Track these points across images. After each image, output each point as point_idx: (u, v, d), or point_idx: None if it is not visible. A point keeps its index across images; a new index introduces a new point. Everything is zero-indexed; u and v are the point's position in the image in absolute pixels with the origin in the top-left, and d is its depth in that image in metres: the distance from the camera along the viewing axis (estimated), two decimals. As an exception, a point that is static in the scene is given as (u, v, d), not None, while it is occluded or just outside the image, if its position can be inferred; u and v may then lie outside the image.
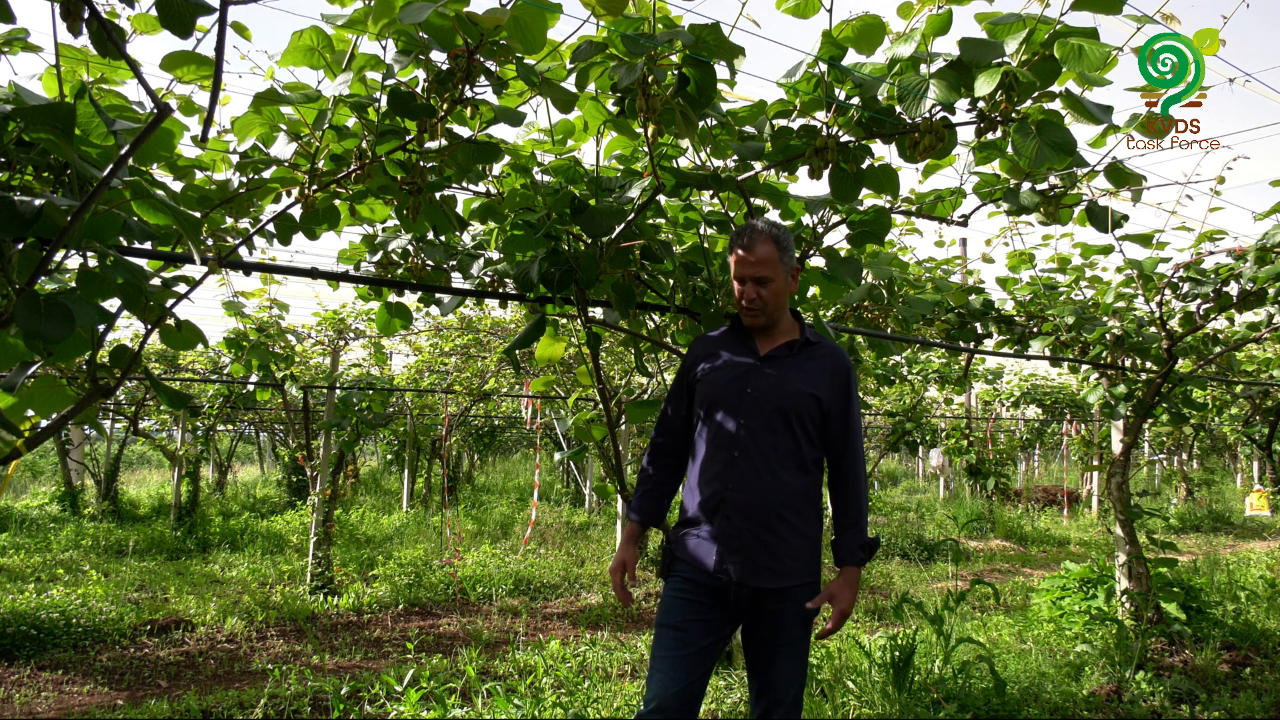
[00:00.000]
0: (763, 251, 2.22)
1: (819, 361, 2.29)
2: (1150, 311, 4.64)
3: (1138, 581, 4.75)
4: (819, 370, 2.27)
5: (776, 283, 2.25)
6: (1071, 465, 17.49)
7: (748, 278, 2.24)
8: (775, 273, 2.24)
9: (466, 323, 8.59)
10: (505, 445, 21.77)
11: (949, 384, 8.55)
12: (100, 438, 13.20)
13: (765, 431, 2.20)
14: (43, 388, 1.99)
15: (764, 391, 2.23)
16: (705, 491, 2.23)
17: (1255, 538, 11.26)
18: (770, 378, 2.25)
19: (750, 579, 2.16)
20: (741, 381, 2.25)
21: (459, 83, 1.94)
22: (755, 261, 2.22)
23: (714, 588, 2.19)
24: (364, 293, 3.40)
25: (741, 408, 2.23)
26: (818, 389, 2.24)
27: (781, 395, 2.22)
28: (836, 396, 2.27)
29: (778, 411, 2.21)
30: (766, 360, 2.28)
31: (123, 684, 4.49)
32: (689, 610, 2.20)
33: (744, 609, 2.20)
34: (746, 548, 2.16)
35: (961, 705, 3.57)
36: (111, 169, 1.46)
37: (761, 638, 2.22)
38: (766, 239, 2.23)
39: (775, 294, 2.26)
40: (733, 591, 2.17)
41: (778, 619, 2.19)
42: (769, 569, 2.17)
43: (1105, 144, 2.60)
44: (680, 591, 2.23)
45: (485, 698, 3.81)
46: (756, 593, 2.17)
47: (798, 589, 2.20)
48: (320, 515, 6.49)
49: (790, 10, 2.20)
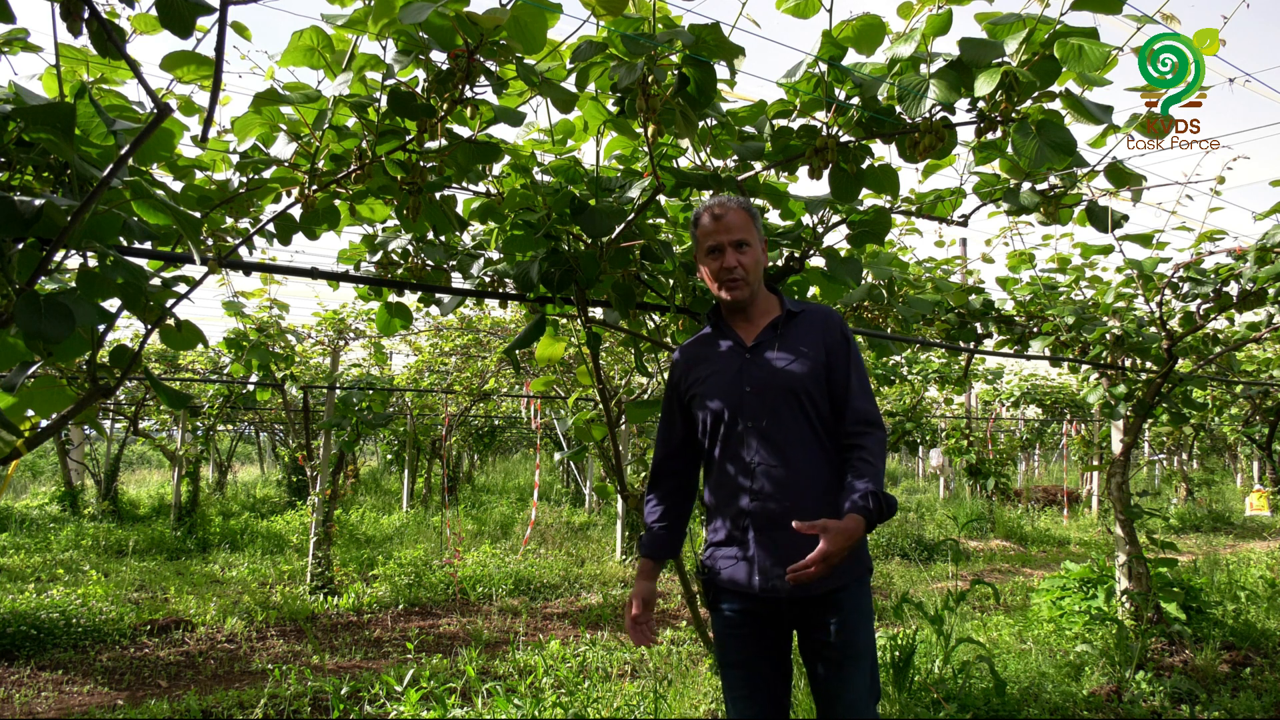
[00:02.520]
0: (735, 218, 2.10)
1: (809, 328, 2.12)
2: (1150, 311, 4.64)
3: (1138, 581, 4.75)
4: (812, 338, 2.10)
5: (755, 249, 2.12)
6: (1071, 465, 17.49)
7: (725, 244, 2.09)
8: (751, 237, 2.11)
9: (466, 323, 8.59)
10: (505, 445, 21.77)
11: (949, 384, 8.55)
12: (100, 438, 13.21)
13: (775, 426, 2.02)
14: (43, 388, 1.99)
15: (763, 383, 2.06)
16: (730, 508, 2.06)
17: (1255, 538, 11.26)
18: (765, 365, 2.07)
19: (798, 589, 1.95)
20: (738, 380, 2.08)
21: (459, 83, 1.94)
22: (730, 227, 2.09)
23: (764, 612, 2.03)
24: (364, 293, 3.40)
25: (745, 408, 2.05)
26: (816, 357, 2.07)
27: (783, 380, 2.04)
28: (836, 358, 2.09)
29: (785, 399, 2.03)
30: (756, 348, 2.11)
31: (123, 684, 4.49)
32: (747, 645, 2.05)
33: (800, 624, 2.04)
34: (784, 560, 1.95)
35: (961, 705, 3.57)
36: (111, 169, 1.46)
37: (827, 654, 2.01)
38: (736, 206, 2.12)
39: (755, 261, 2.12)
40: (785, 608, 2.01)
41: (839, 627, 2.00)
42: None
43: (1105, 144, 2.60)
44: (732, 625, 2.07)
45: (485, 698, 3.81)
46: (807, 603, 2.00)
47: (849, 591, 2.01)
48: (320, 515, 6.49)
49: (790, 10, 2.20)
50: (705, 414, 2.12)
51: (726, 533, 2.07)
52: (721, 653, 2.10)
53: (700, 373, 2.16)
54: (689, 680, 4.03)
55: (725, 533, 2.08)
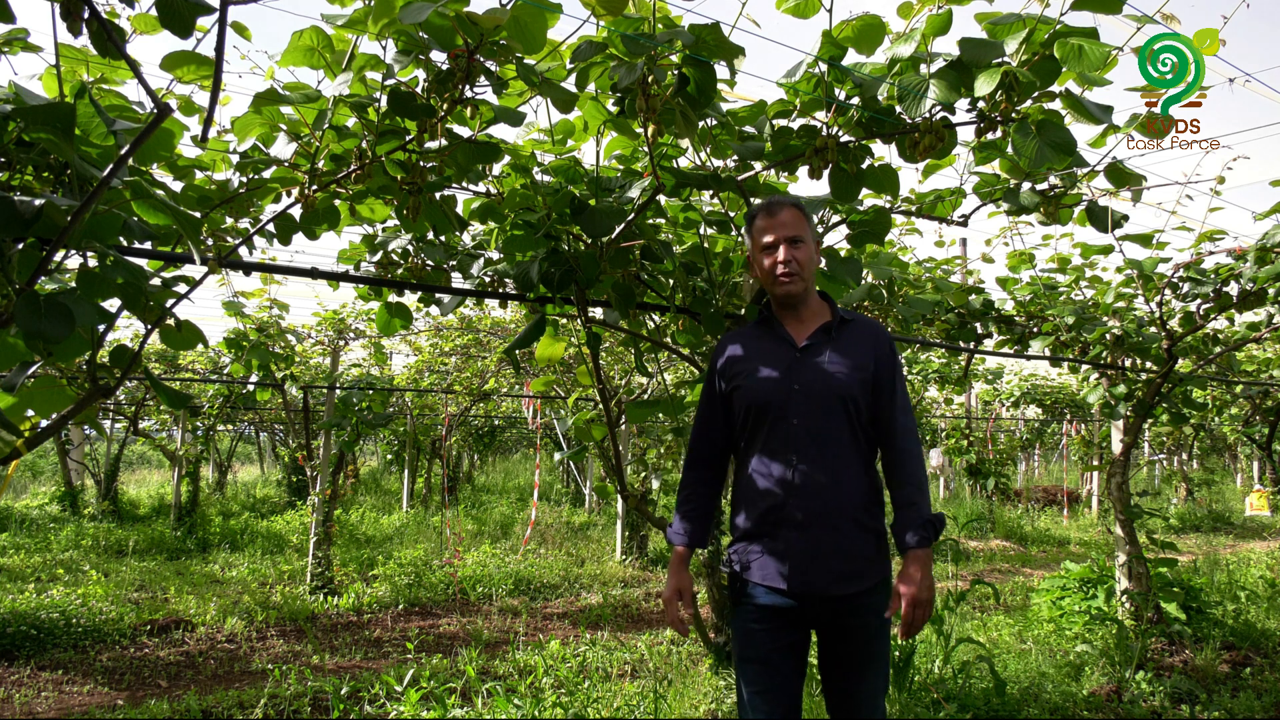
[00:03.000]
0: (789, 215, 2.13)
1: (860, 339, 2.14)
2: (1150, 311, 4.64)
3: (1138, 581, 4.75)
4: (862, 348, 2.12)
5: (808, 245, 2.14)
6: (1071, 465, 17.49)
7: (780, 240, 2.11)
8: (805, 234, 2.13)
9: (466, 323, 8.59)
10: (505, 445, 21.77)
11: (949, 384, 8.55)
12: (100, 438, 13.21)
13: (820, 427, 2.05)
14: (43, 388, 1.99)
15: (812, 384, 2.07)
16: (765, 503, 2.07)
17: (1255, 538, 11.26)
18: (815, 368, 2.09)
19: (829, 589, 2.01)
20: (786, 378, 2.09)
21: (459, 83, 1.94)
22: (783, 223, 2.12)
23: (790, 609, 2.04)
24: (364, 293, 3.40)
25: (791, 406, 2.06)
26: (865, 368, 2.09)
27: (833, 384, 2.06)
28: (883, 372, 2.12)
29: (832, 403, 2.06)
30: (807, 349, 2.12)
31: (123, 684, 4.49)
32: (769, 640, 2.06)
33: (823, 623, 2.08)
34: (820, 556, 2.00)
35: (961, 705, 3.57)
36: (111, 169, 1.46)
37: (847, 654, 2.07)
38: (789, 205, 2.15)
39: (808, 257, 2.14)
40: (811, 607, 2.04)
41: (861, 630, 2.05)
42: (845, 575, 2.02)
43: (1105, 144, 2.60)
44: (756, 620, 2.08)
45: (485, 698, 3.81)
46: (835, 604, 2.03)
47: (876, 593, 2.06)
48: (320, 515, 6.50)
49: (790, 10, 2.20)
50: (748, 407, 2.13)
51: (759, 526, 2.09)
52: (743, 647, 2.10)
53: (745, 365, 2.16)
54: (689, 680, 4.03)
55: (757, 526, 2.09)
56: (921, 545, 2.02)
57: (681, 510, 2.24)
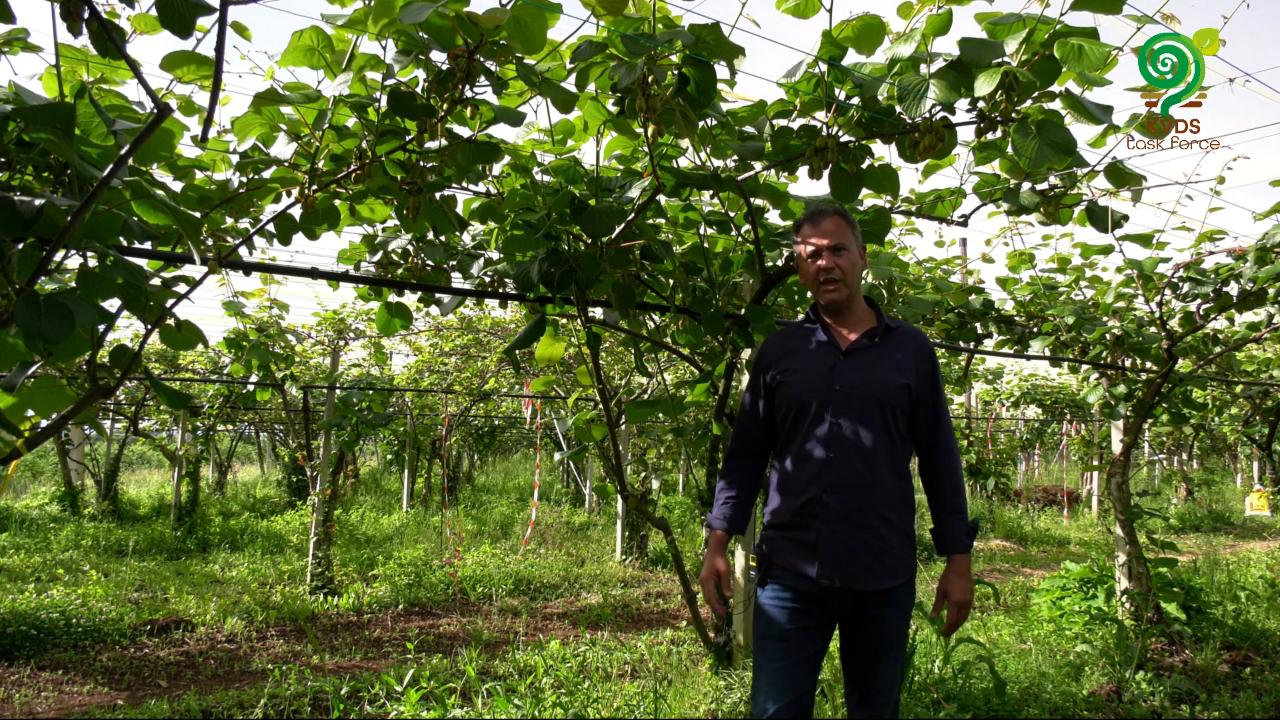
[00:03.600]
0: (832, 223, 2.21)
1: (903, 347, 2.22)
2: (1150, 311, 4.64)
3: (1138, 581, 4.75)
4: (905, 356, 2.20)
5: (851, 253, 2.21)
6: (1071, 465, 17.49)
7: (823, 248, 2.19)
8: (849, 242, 2.20)
9: (466, 323, 8.59)
10: (505, 445, 21.76)
11: (949, 384, 8.55)
12: (100, 438, 13.21)
13: (859, 428, 2.12)
14: (43, 388, 1.99)
15: (854, 386, 2.15)
16: (802, 495, 2.15)
17: (1255, 538, 11.26)
18: (859, 371, 2.17)
19: (855, 583, 2.09)
20: (829, 378, 2.17)
21: (459, 83, 1.94)
22: (827, 231, 2.19)
23: (815, 594, 2.12)
24: (364, 293, 3.40)
25: (832, 405, 2.14)
26: (906, 376, 2.17)
27: (873, 388, 2.14)
28: (924, 381, 2.20)
29: (871, 406, 2.13)
30: (851, 353, 2.20)
31: (123, 684, 4.49)
32: (792, 619, 2.14)
33: (845, 613, 2.15)
34: (849, 551, 2.09)
35: (961, 705, 3.57)
36: (111, 169, 1.46)
37: (867, 644, 2.16)
38: (833, 213, 2.23)
39: (852, 264, 2.21)
40: (836, 597, 2.11)
41: (884, 623, 2.13)
42: (873, 571, 2.09)
43: (1105, 144, 2.60)
44: (781, 600, 2.16)
45: (485, 698, 3.81)
46: (860, 596, 2.11)
47: (900, 589, 2.14)
48: (320, 515, 6.50)
49: (790, 10, 2.20)
50: (791, 404, 2.21)
51: (792, 517, 2.17)
52: (764, 625, 2.18)
53: (791, 364, 2.25)
54: (689, 680, 4.03)
55: (791, 517, 2.17)
56: (965, 550, 2.16)
57: (722, 496, 2.33)
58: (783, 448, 2.25)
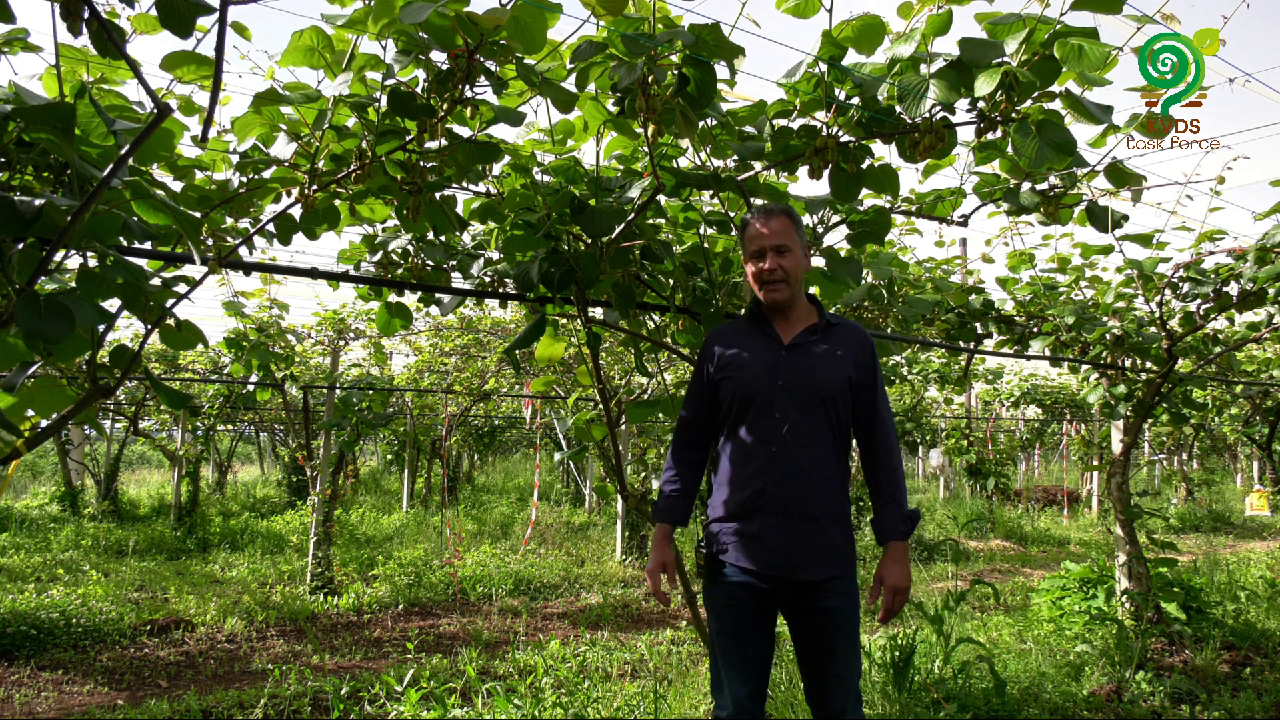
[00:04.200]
0: (778, 224, 2.25)
1: (844, 342, 2.28)
2: (1150, 311, 4.64)
3: (1138, 581, 4.75)
4: (846, 351, 2.26)
5: (795, 254, 2.26)
6: (1071, 465, 17.49)
7: (767, 248, 2.24)
8: (793, 243, 2.25)
9: (466, 323, 8.59)
10: (505, 445, 21.77)
11: (949, 384, 8.56)
12: (100, 438, 13.21)
13: (802, 422, 2.18)
14: (43, 388, 1.99)
15: (796, 381, 2.20)
16: (746, 489, 2.20)
17: (1255, 538, 11.26)
18: (800, 366, 2.22)
19: (799, 573, 2.15)
20: (772, 373, 2.22)
21: (459, 83, 1.94)
22: (772, 232, 2.24)
23: (762, 586, 2.18)
24: (364, 293, 3.40)
25: (776, 400, 2.20)
26: (847, 370, 2.23)
27: (815, 383, 2.20)
28: (864, 375, 2.27)
29: (813, 400, 2.19)
30: (793, 348, 2.26)
31: (123, 684, 4.49)
32: (743, 616, 2.20)
33: (792, 606, 2.20)
34: (793, 542, 2.15)
35: (961, 705, 3.57)
36: (111, 169, 1.46)
37: (820, 637, 2.20)
38: (780, 213, 2.27)
39: (795, 265, 2.26)
40: (782, 588, 2.17)
41: (833, 615, 2.18)
42: (816, 561, 2.16)
43: (1105, 144, 2.60)
44: (731, 597, 2.21)
45: (485, 698, 3.81)
46: (806, 586, 2.16)
47: (844, 578, 2.20)
48: (320, 515, 6.49)
49: (790, 10, 2.20)
50: (733, 398, 2.26)
51: (737, 510, 2.22)
52: (719, 622, 2.23)
53: (735, 359, 2.29)
54: (689, 680, 4.03)
55: (736, 510, 2.22)
56: (902, 538, 2.21)
57: (667, 490, 2.37)
58: (726, 442, 2.29)
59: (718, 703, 2.22)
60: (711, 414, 2.35)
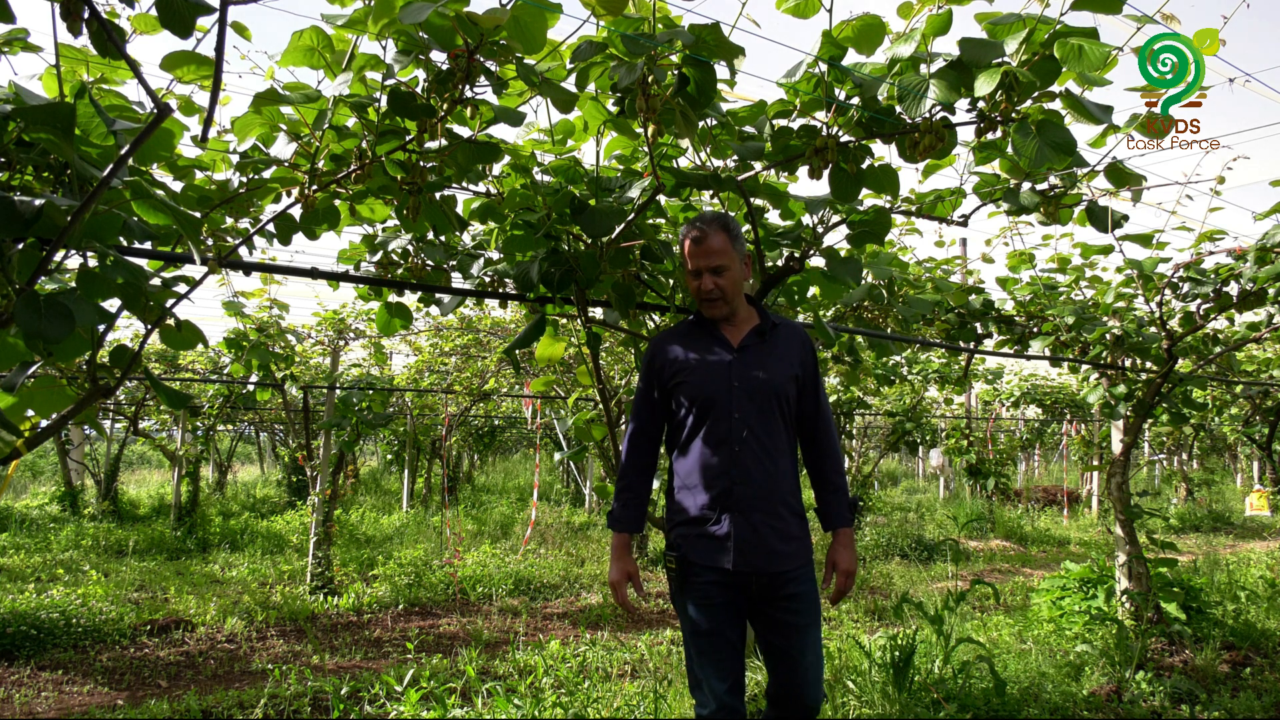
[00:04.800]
0: (716, 241, 2.29)
1: (788, 342, 2.38)
2: (1150, 311, 4.64)
3: (1138, 581, 4.75)
4: (790, 351, 2.36)
5: (732, 270, 2.31)
6: (1071, 465, 17.49)
7: (704, 269, 2.29)
8: (730, 260, 2.30)
9: (466, 323, 8.59)
10: (505, 445, 21.76)
11: (949, 384, 8.55)
12: (100, 438, 13.21)
13: (758, 421, 2.26)
14: (43, 388, 1.99)
15: (749, 382, 2.28)
16: (710, 490, 2.26)
17: (1255, 538, 11.26)
18: (752, 366, 2.30)
19: (770, 566, 2.22)
20: (726, 375, 2.29)
21: (459, 83, 1.94)
22: (709, 252, 2.28)
23: (733, 583, 2.24)
24: (364, 293, 3.40)
25: (733, 401, 2.26)
26: (794, 368, 2.33)
27: (767, 383, 2.28)
28: (808, 372, 2.37)
29: (768, 398, 2.27)
30: (743, 350, 2.33)
31: (123, 684, 4.49)
32: (717, 615, 2.25)
33: (759, 598, 2.26)
34: (761, 538, 2.22)
35: (961, 705, 3.57)
36: (111, 169, 1.46)
37: (786, 622, 2.26)
38: (718, 229, 2.30)
39: (732, 281, 2.32)
40: (750, 582, 2.24)
41: (798, 601, 2.25)
42: (783, 553, 2.24)
43: (1105, 144, 2.60)
44: (704, 598, 2.26)
45: (485, 698, 3.81)
46: (775, 577, 2.23)
47: (805, 567, 2.29)
48: (320, 515, 6.49)
49: (790, 10, 2.20)
50: (692, 402, 2.31)
51: (700, 512, 2.28)
52: (694, 623, 2.28)
53: (687, 364, 2.34)
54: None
55: (700, 512, 2.28)
56: (849, 524, 2.36)
57: (621, 499, 2.42)
58: (685, 445, 2.34)
59: (698, 700, 2.28)
60: (660, 423, 2.42)
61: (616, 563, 2.37)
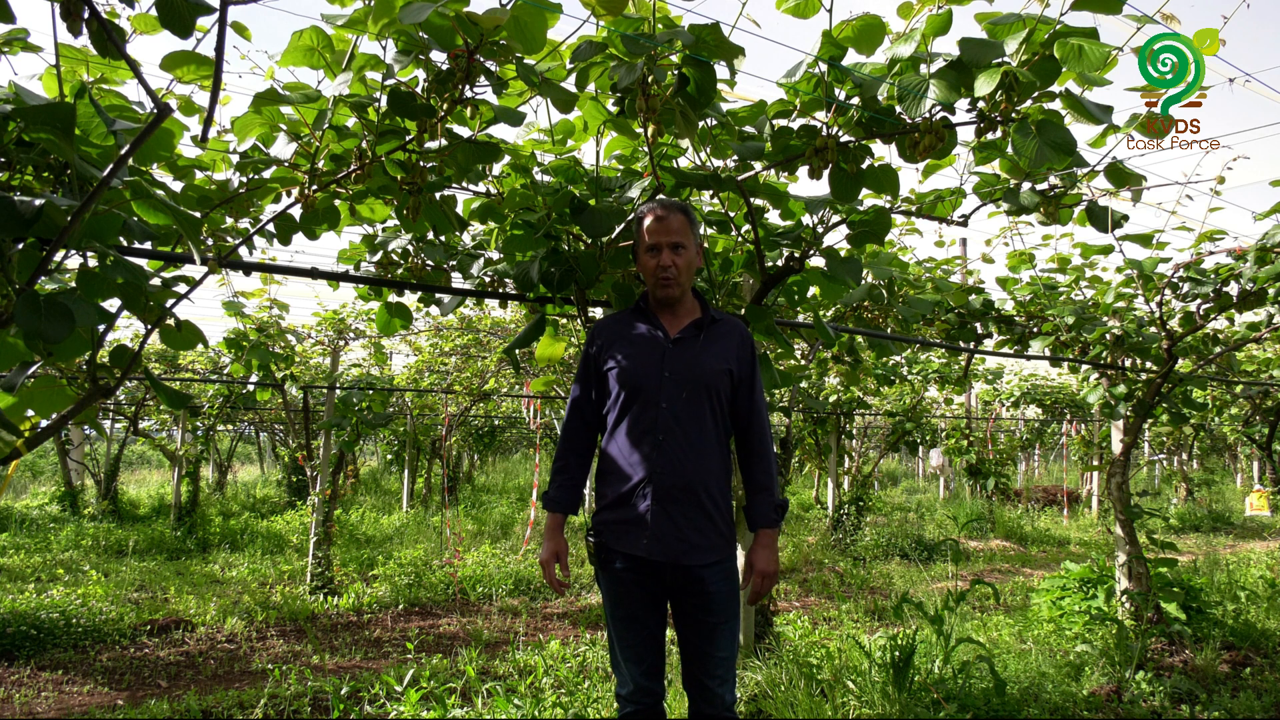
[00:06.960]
0: (676, 220, 2.30)
1: (726, 337, 2.37)
2: (1150, 311, 4.64)
3: (1138, 581, 4.75)
4: (727, 345, 2.35)
5: (689, 251, 2.32)
6: (1071, 465, 17.49)
7: (663, 244, 2.29)
8: (688, 241, 2.31)
9: (466, 323, 8.59)
10: (505, 445, 21.76)
11: (949, 384, 8.55)
12: (100, 438, 13.21)
13: (686, 412, 2.26)
14: (43, 388, 1.99)
15: (681, 372, 2.28)
16: (632, 476, 2.27)
17: (1255, 538, 11.26)
18: (686, 358, 2.30)
19: (684, 558, 2.23)
20: (659, 364, 2.29)
21: (459, 83, 1.94)
22: (670, 229, 2.29)
23: (648, 570, 2.26)
24: (364, 293, 3.40)
25: (662, 391, 2.27)
26: (728, 363, 2.32)
27: (699, 375, 2.28)
28: (744, 369, 2.36)
29: (698, 391, 2.27)
30: (678, 342, 2.33)
31: (123, 684, 4.49)
32: (635, 598, 2.28)
33: (676, 589, 2.28)
34: (678, 529, 2.23)
35: (961, 705, 3.57)
36: (111, 169, 1.46)
37: (699, 618, 2.28)
38: (678, 211, 2.32)
39: (688, 263, 2.33)
40: (666, 571, 2.25)
41: (713, 597, 2.26)
42: (699, 546, 2.24)
43: (1105, 144, 2.60)
44: (621, 583, 2.29)
45: (485, 698, 3.81)
46: (690, 571, 2.24)
47: (725, 563, 2.29)
48: (320, 515, 6.49)
49: (790, 10, 2.20)
50: (620, 388, 2.32)
51: (623, 498, 2.29)
52: (613, 605, 2.32)
53: (622, 350, 2.35)
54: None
55: (622, 498, 2.29)
56: (772, 525, 2.33)
57: (557, 481, 2.42)
58: (613, 430, 2.35)
59: (619, 679, 2.34)
60: (599, 405, 2.41)
61: (548, 542, 2.37)
